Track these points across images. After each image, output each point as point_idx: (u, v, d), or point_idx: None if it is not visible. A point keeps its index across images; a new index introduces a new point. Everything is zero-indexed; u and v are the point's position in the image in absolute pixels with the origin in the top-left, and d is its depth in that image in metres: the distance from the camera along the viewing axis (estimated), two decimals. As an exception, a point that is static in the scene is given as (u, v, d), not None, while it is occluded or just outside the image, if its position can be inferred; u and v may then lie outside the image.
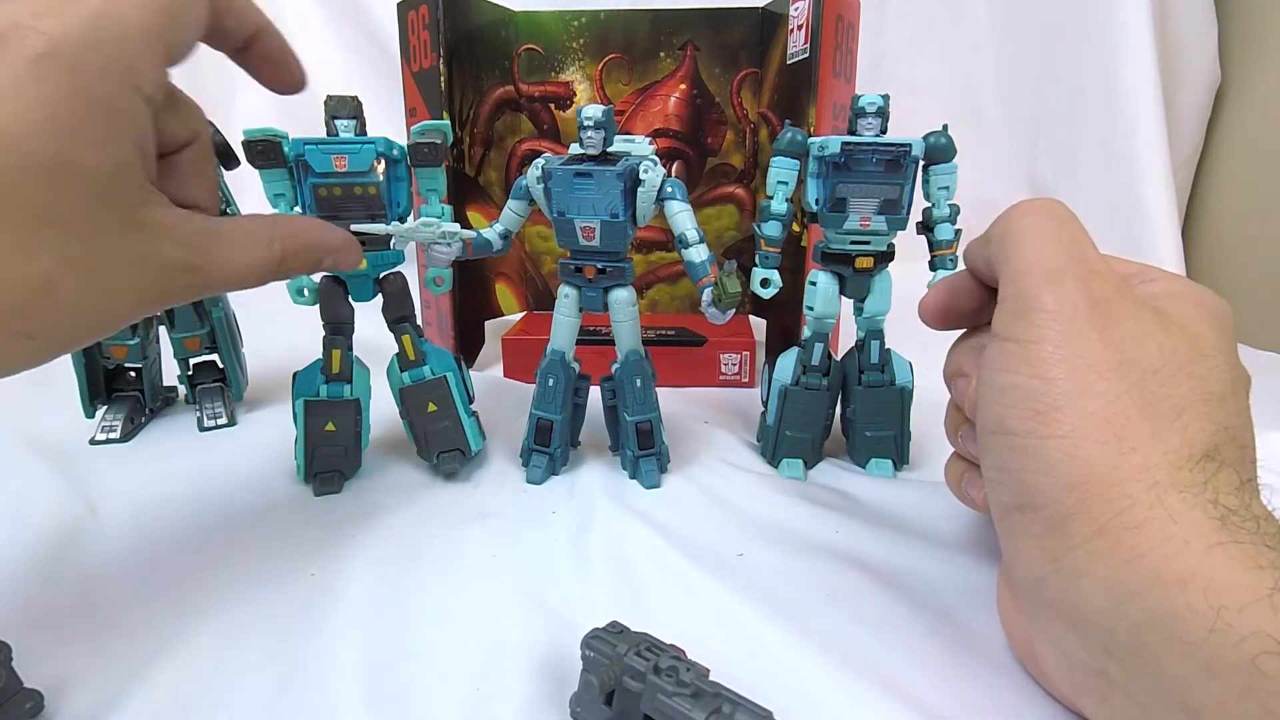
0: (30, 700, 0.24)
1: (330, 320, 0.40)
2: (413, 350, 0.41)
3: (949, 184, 0.39)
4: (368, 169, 0.36)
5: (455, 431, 0.41)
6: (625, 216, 0.38)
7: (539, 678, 0.26)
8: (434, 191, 0.39)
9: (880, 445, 0.43)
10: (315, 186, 0.36)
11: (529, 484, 0.41)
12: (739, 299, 0.37)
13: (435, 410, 0.41)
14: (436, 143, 0.38)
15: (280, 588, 0.31)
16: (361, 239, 0.35)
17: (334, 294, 0.39)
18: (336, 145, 0.36)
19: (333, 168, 0.36)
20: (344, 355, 0.40)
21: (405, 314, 0.41)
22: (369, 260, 0.38)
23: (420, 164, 0.38)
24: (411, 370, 0.41)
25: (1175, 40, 0.91)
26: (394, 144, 0.37)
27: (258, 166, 0.36)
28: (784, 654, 0.27)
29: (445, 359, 0.42)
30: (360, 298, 0.40)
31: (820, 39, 0.52)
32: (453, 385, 0.41)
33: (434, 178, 0.39)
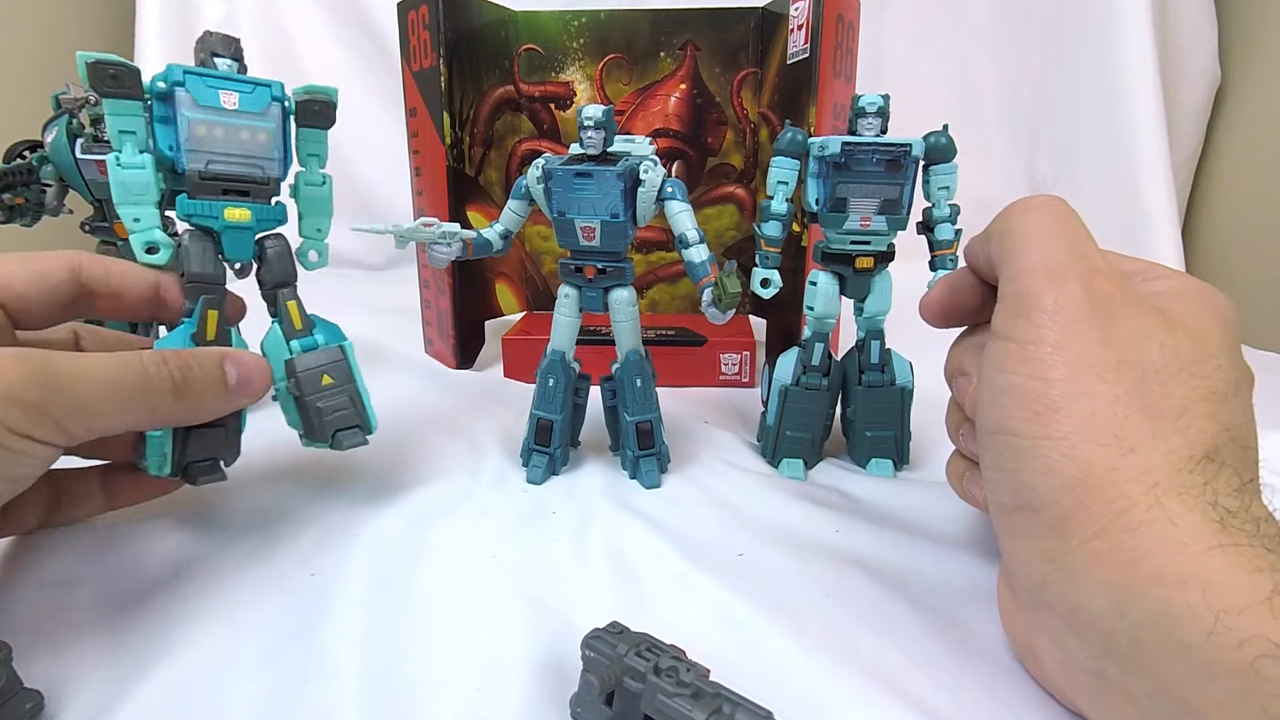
0: (30, 700, 0.24)
1: (198, 279, 0.33)
2: (298, 318, 0.36)
3: (949, 184, 0.39)
4: (261, 110, 0.33)
5: (354, 406, 0.36)
6: (625, 216, 0.38)
7: (539, 678, 0.26)
8: (315, 157, 0.36)
9: (880, 445, 0.43)
10: (193, 122, 0.31)
11: (529, 484, 0.41)
12: (739, 299, 0.36)
13: (330, 383, 0.36)
14: (329, 100, 0.35)
15: (280, 588, 0.31)
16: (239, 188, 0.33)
17: (204, 247, 0.34)
18: (228, 80, 0.32)
19: (219, 103, 0.32)
20: (220, 319, 0.34)
21: (287, 279, 0.36)
22: (253, 212, 0.34)
23: (310, 124, 0.35)
24: (300, 338, 0.36)
25: (1175, 40, 0.91)
26: (286, 93, 0.34)
27: (105, 94, 0.31)
28: (784, 654, 0.27)
29: (335, 330, 0.37)
30: (238, 255, 0.35)
31: (820, 39, 0.52)
32: (351, 355, 0.37)
33: (320, 141, 0.36)
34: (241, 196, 0.33)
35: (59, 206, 0.46)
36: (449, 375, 0.62)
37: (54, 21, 0.92)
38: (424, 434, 0.48)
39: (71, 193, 0.46)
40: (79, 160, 0.43)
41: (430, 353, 0.68)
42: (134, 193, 0.32)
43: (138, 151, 0.31)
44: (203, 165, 0.32)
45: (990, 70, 1.07)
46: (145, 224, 0.32)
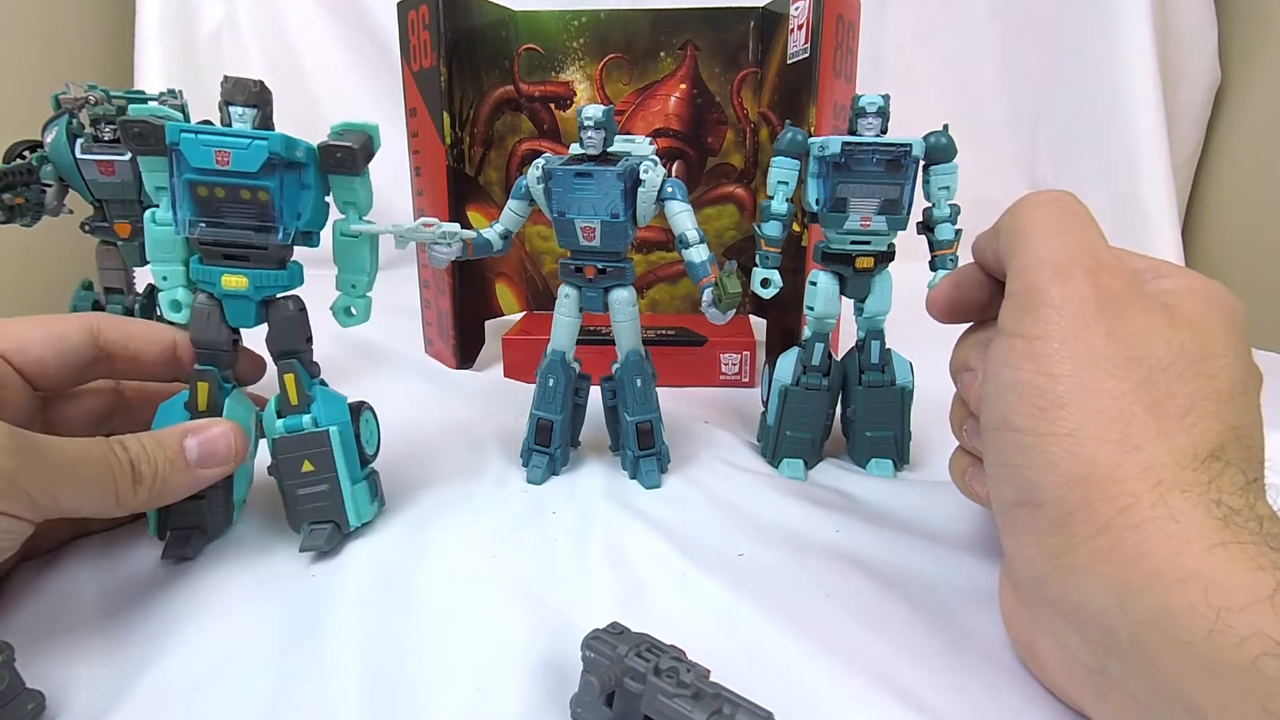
0: (33, 701, 0.24)
1: (198, 344, 0.33)
2: (295, 394, 0.33)
3: (949, 184, 0.39)
4: (256, 170, 0.30)
5: (331, 499, 0.33)
6: (625, 216, 0.38)
7: (539, 678, 0.26)
8: (352, 206, 0.33)
9: (880, 445, 0.43)
10: (193, 184, 0.30)
11: (529, 484, 0.41)
12: (739, 299, 0.36)
13: (311, 471, 0.33)
14: (353, 146, 0.31)
15: (280, 588, 0.31)
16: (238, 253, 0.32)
17: (208, 314, 0.33)
18: (219, 137, 0.30)
19: (213, 163, 0.30)
20: (212, 389, 0.33)
21: (293, 348, 0.34)
22: (249, 279, 0.32)
23: (334, 170, 0.32)
24: (289, 418, 0.33)
25: (1175, 40, 0.91)
26: (298, 143, 0.31)
27: (134, 152, 0.31)
28: (784, 654, 0.27)
29: (337, 408, 0.34)
30: (239, 322, 0.33)
31: (820, 39, 0.52)
32: (336, 443, 0.33)
33: (350, 188, 0.33)
34: (241, 262, 0.32)
35: (59, 206, 0.46)
36: (449, 375, 0.62)
37: (54, 21, 0.92)
38: (424, 434, 0.48)
39: (71, 193, 0.46)
40: (79, 160, 0.43)
41: (430, 353, 0.68)
42: (161, 248, 0.32)
43: (170, 207, 0.31)
44: (199, 231, 0.31)
45: (990, 70, 1.07)
46: (171, 282, 0.32)
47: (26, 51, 0.87)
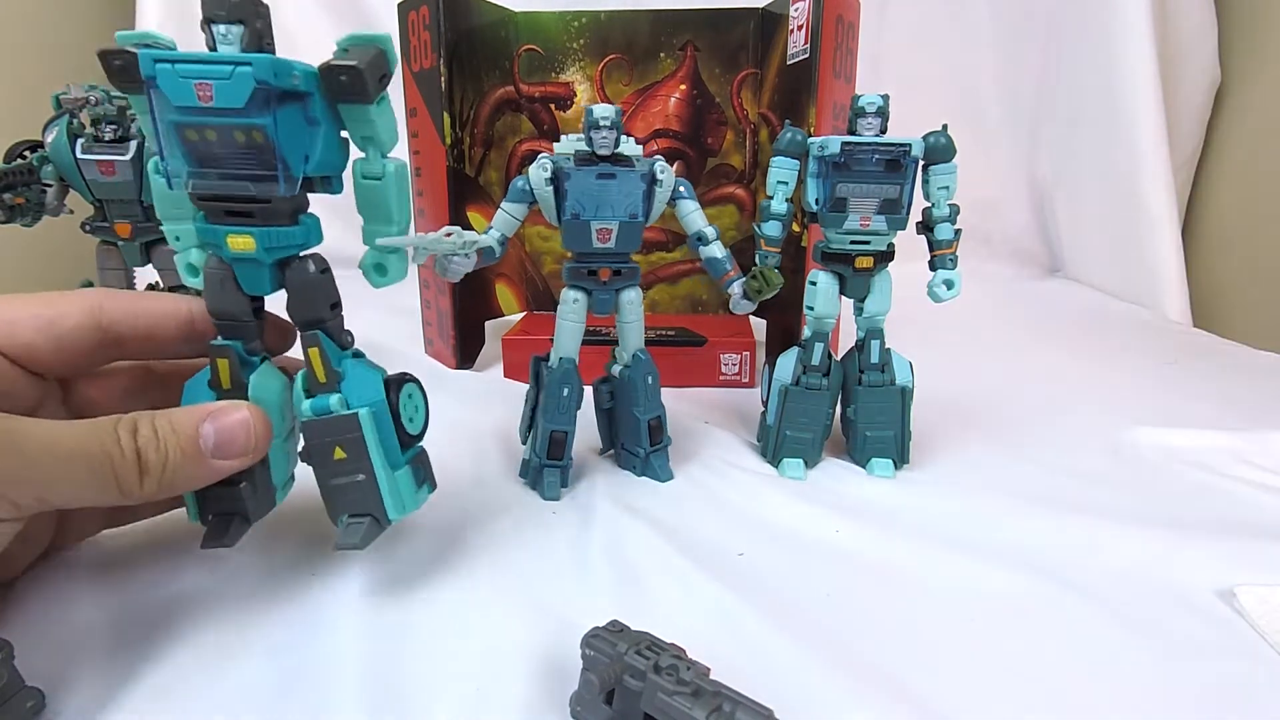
0: (32, 699, 0.24)
1: (215, 314, 0.29)
2: (321, 370, 0.29)
3: (949, 184, 0.39)
4: (244, 104, 0.24)
5: (367, 491, 0.29)
6: (643, 217, 0.38)
7: (539, 677, 0.26)
8: (371, 141, 0.28)
9: (881, 445, 0.43)
10: (179, 127, 0.25)
11: (548, 500, 0.40)
12: (780, 286, 0.39)
13: (343, 459, 0.29)
14: (356, 66, 0.25)
15: (280, 588, 0.31)
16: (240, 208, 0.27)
17: (221, 280, 0.28)
18: (196, 65, 0.24)
19: (195, 100, 0.24)
20: (234, 365, 0.28)
21: (318, 316, 0.29)
22: (258, 239, 0.27)
23: (342, 98, 0.27)
24: (316, 398, 0.29)
25: (1175, 40, 0.91)
26: (293, 66, 0.25)
27: (119, 88, 0.26)
28: (784, 653, 0.27)
29: (370, 385, 0.29)
30: (253, 289, 0.28)
31: (820, 39, 0.52)
32: (368, 426, 0.29)
33: (367, 120, 0.27)
34: (245, 219, 0.27)
35: (59, 206, 0.46)
36: (449, 375, 0.62)
37: (54, 21, 0.92)
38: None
39: (72, 193, 0.46)
40: (79, 160, 0.43)
41: (430, 353, 0.68)
42: (168, 204, 0.28)
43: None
44: (192, 182, 0.26)
45: (990, 70, 1.07)
46: (184, 243, 0.29)
47: (26, 51, 0.87)
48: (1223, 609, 0.31)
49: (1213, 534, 0.36)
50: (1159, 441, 0.47)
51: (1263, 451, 0.45)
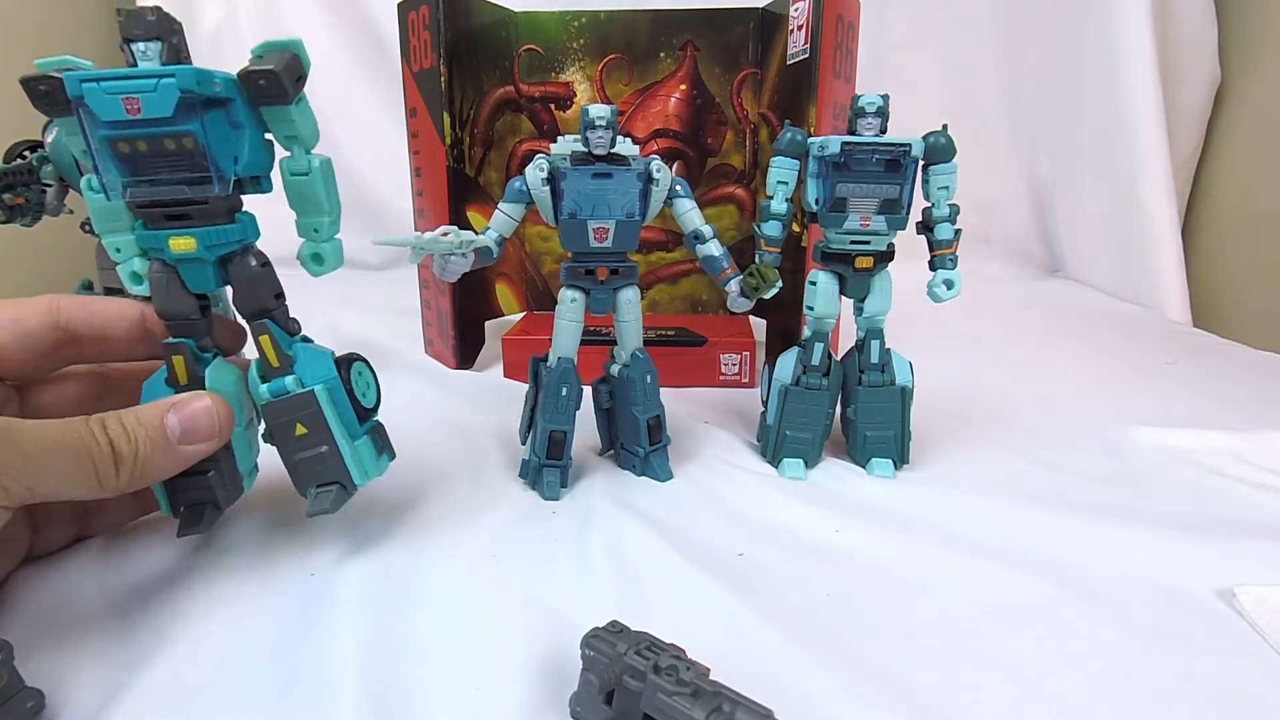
0: (32, 699, 0.24)
1: (165, 316, 0.30)
2: (274, 354, 0.31)
3: (949, 184, 0.39)
4: (172, 113, 0.26)
5: (331, 461, 0.31)
6: (640, 215, 0.38)
7: (539, 678, 0.26)
8: (294, 139, 0.29)
9: (881, 445, 0.43)
10: (111, 141, 0.27)
11: (548, 501, 0.40)
12: (777, 282, 0.39)
13: (305, 434, 0.31)
14: (273, 70, 0.27)
15: (280, 588, 0.31)
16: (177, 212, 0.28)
17: (167, 283, 0.29)
18: (121, 81, 0.26)
19: (123, 114, 0.26)
20: (188, 361, 0.30)
21: (263, 306, 0.31)
22: (197, 239, 0.29)
23: (261, 100, 0.28)
24: (272, 381, 0.31)
25: (1175, 40, 0.91)
26: (213, 75, 0.27)
27: (45, 113, 0.27)
28: (784, 654, 0.27)
29: (320, 364, 0.32)
30: (199, 288, 0.30)
31: (820, 39, 0.52)
32: (324, 401, 0.31)
33: (288, 120, 0.29)
34: (184, 221, 0.28)
35: (59, 206, 0.46)
36: (449, 375, 0.62)
37: (53, 22, 0.92)
38: (424, 434, 0.48)
39: (71, 193, 0.46)
40: (79, 160, 0.43)
41: (430, 353, 0.68)
42: (106, 219, 0.29)
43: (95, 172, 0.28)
44: (127, 192, 0.28)
45: (990, 70, 1.07)
46: (125, 253, 0.30)
47: (26, 52, 0.87)
48: (1223, 609, 0.31)
49: (1213, 534, 0.36)
50: (1159, 441, 0.47)
51: (1263, 451, 0.45)
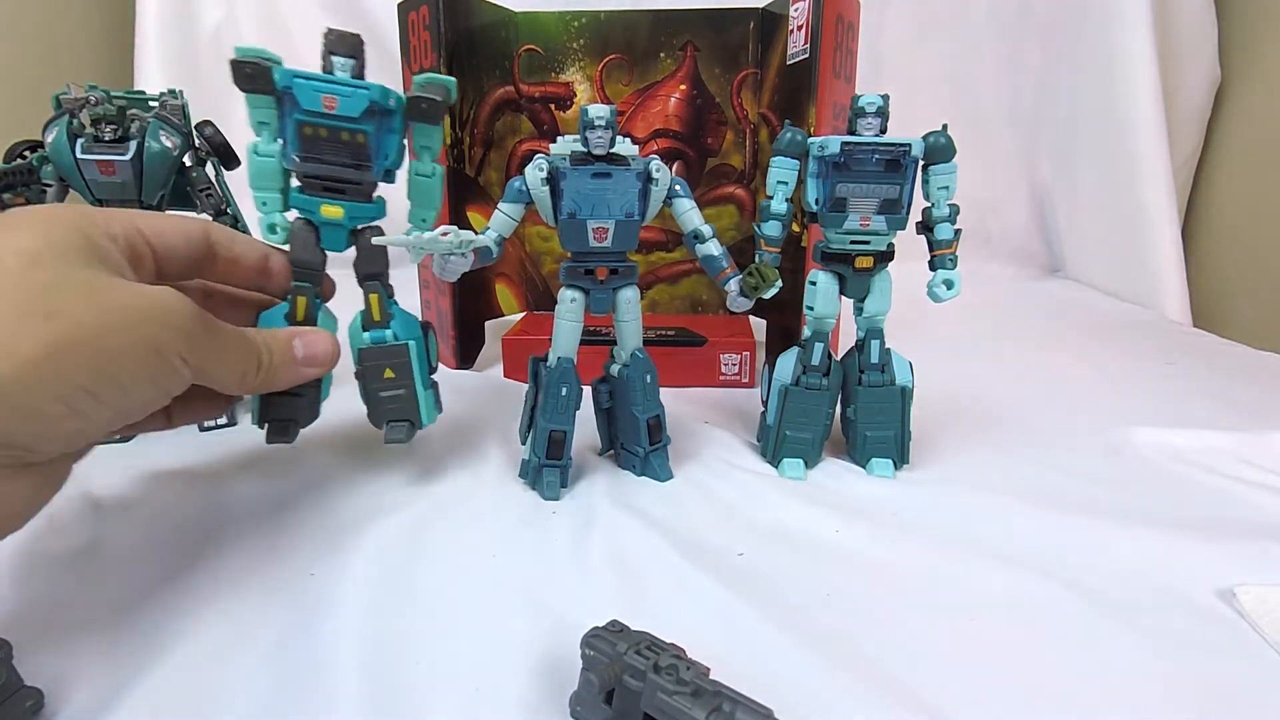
0: (31, 698, 0.24)
1: (297, 263, 0.37)
2: (378, 310, 0.39)
3: (949, 184, 0.39)
4: (358, 115, 0.34)
5: (409, 402, 0.39)
6: (640, 215, 0.38)
7: (539, 677, 0.26)
8: (428, 149, 0.38)
9: (881, 445, 0.43)
10: (300, 124, 0.34)
11: (548, 501, 0.40)
12: (777, 280, 0.39)
13: (391, 377, 0.39)
14: (437, 99, 0.36)
15: (280, 588, 0.31)
16: (337, 186, 0.36)
17: (306, 238, 0.37)
18: (328, 84, 0.34)
19: (321, 107, 0.34)
20: (309, 303, 0.38)
21: (376, 270, 0.39)
22: (345, 210, 0.37)
23: (418, 119, 0.36)
24: (373, 330, 0.39)
25: (1175, 40, 0.91)
26: (391, 93, 0.35)
27: (244, 89, 0.34)
28: (784, 653, 0.27)
29: (412, 325, 0.40)
30: (331, 247, 0.38)
31: (820, 39, 0.52)
32: (413, 355, 0.39)
33: (430, 135, 0.37)
34: (338, 194, 0.36)
35: (60, 206, 0.46)
36: (449, 375, 0.62)
37: (54, 21, 0.92)
38: (424, 434, 0.48)
39: (72, 193, 0.46)
40: (79, 160, 0.42)
41: (430, 353, 0.67)
42: (264, 177, 0.36)
43: (271, 140, 0.35)
44: (306, 164, 0.35)
45: (990, 70, 1.07)
46: (270, 207, 0.36)
47: (26, 51, 0.87)
48: (1223, 609, 0.31)
49: (1213, 534, 0.36)
50: (1159, 441, 0.47)
51: (1263, 451, 0.45)
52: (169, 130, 0.44)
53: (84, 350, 0.25)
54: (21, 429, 0.24)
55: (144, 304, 0.27)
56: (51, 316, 0.25)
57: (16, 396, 0.24)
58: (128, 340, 0.26)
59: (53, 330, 0.24)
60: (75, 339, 0.25)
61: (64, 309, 0.25)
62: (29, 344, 0.24)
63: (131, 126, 0.43)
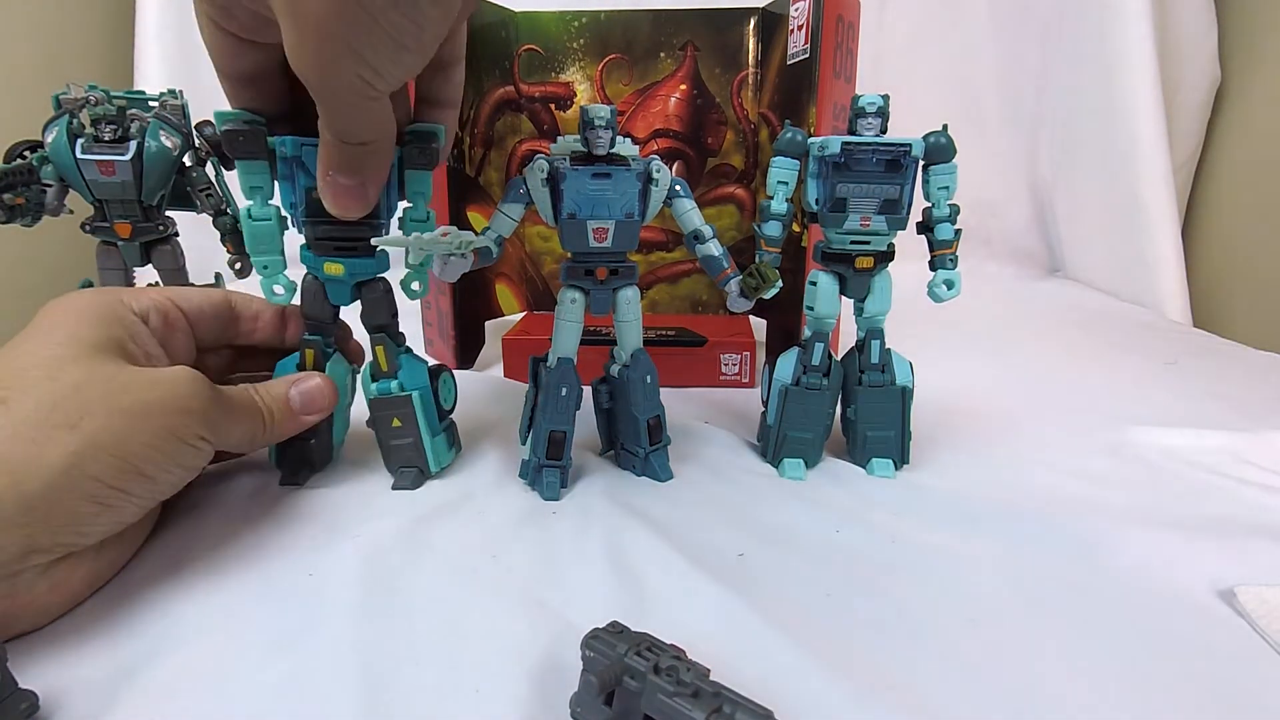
0: (25, 701, 0.24)
1: (308, 317, 0.39)
2: (385, 361, 0.40)
3: (949, 184, 0.39)
4: None
5: (414, 450, 0.41)
6: (640, 215, 0.38)
7: (539, 678, 0.26)
8: (420, 195, 0.38)
9: (881, 445, 0.43)
10: (309, 190, 0.35)
11: (548, 501, 0.40)
12: (778, 280, 0.39)
13: (399, 426, 0.40)
14: (433, 146, 0.36)
15: (278, 588, 0.31)
16: (349, 244, 0.37)
17: (315, 293, 0.39)
18: None
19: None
20: (317, 355, 0.39)
21: (382, 322, 0.40)
22: (345, 267, 0.38)
23: (413, 167, 0.37)
24: (380, 382, 0.40)
25: (1175, 40, 0.91)
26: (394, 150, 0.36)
27: (236, 156, 0.34)
28: (784, 654, 0.27)
29: (418, 374, 0.40)
30: (337, 301, 0.39)
31: (820, 39, 0.52)
32: (418, 405, 0.40)
33: (423, 181, 0.38)
34: (349, 253, 0.37)
35: (59, 206, 0.46)
36: (449, 375, 0.62)
37: (54, 21, 0.92)
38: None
39: (72, 193, 0.46)
40: (79, 160, 0.42)
41: (430, 353, 0.67)
42: (262, 241, 0.36)
43: (263, 204, 0.36)
44: (317, 228, 0.36)
45: (990, 70, 1.07)
46: (272, 270, 0.37)
47: (26, 51, 0.87)
48: (1223, 609, 0.31)
49: (1213, 534, 0.36)
50: (1159, 441, 0.47)
51: (1263, 451, 0.45)
52: (169, 130, 0.44)
53: (107, 452, 0.27)
54: (61, 531, 0.27)
55: (160, 395, 0.29)
56: (75, 426, 0.27)
57: (50, 505, 0.26)
58: (149, 435, 0.29)
59: (76, 439, 0.27)
60: (99, 444, 0.27)
61: (86, 416, 0.27)
62: (56, 454, 0.26)
63: (131, 126, 0.43)
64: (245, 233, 0.36)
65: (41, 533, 0.26)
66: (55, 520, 0.26)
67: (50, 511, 0.26)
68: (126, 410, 0.28)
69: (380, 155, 0.33)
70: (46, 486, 0.26)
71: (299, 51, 0.27)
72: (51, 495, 0.26)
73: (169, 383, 0.30)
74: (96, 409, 0.27)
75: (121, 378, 0.29)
